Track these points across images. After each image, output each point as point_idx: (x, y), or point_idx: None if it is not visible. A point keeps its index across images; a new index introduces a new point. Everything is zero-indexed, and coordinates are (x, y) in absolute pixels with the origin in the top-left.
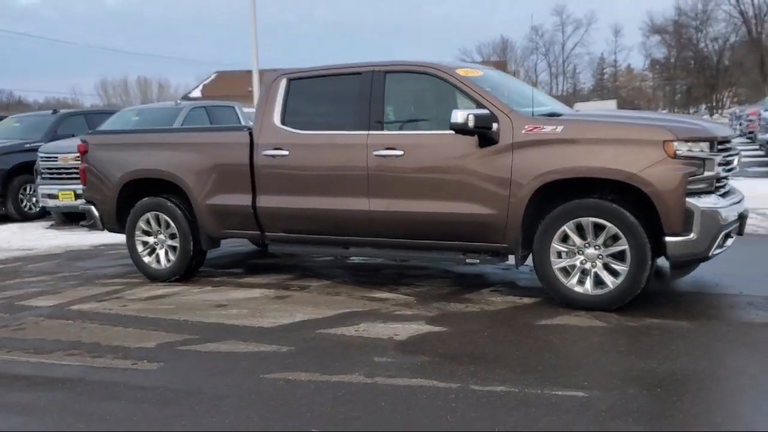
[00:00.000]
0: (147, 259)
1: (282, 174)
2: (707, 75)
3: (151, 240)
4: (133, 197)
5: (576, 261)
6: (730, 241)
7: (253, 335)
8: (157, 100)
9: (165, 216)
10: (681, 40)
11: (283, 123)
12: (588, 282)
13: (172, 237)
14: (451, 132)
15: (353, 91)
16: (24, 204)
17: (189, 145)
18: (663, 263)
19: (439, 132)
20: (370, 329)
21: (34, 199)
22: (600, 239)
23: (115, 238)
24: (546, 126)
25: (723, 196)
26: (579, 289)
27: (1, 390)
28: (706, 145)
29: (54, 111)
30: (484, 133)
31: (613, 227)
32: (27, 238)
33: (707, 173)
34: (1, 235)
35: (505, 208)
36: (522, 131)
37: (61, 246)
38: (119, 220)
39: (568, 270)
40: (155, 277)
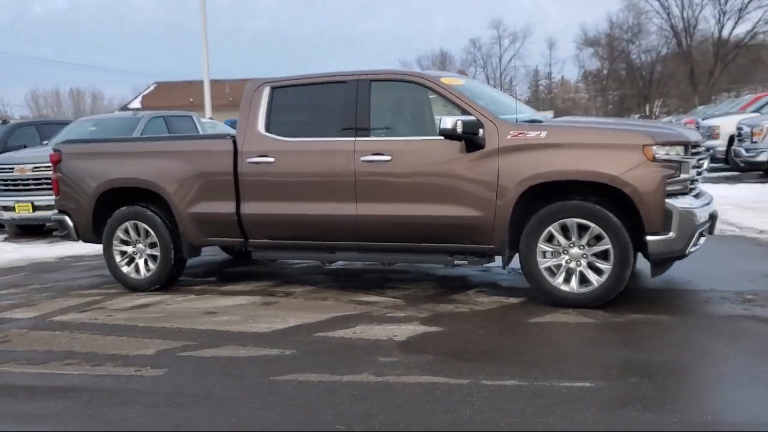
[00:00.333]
0: (125, 269)
1: (267, 181)
2: (640, 86)
3: (130, 249)
4: (109, 207)
5: (561, 260)
6: (702, 240)
7: (252, 340)
8: (91, 111)
9: (144, 225)
10: (613, 52)
11: (268, 130)
12: (573, 281)
13: (151, 246)
14: (439, 138)
15: (338, 99)
16: None
17: (170, 154)
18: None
19: (427, 138)
20: (367, 331)
21: None
22: (584, 239)
23: (80, 249)
24: (530, 132)
25: (695, 197)
26: (565, 288)
27: (6, 400)
28: (681, 149)
29: (3, 121)
30: (471, 139)
31: (597, 227)
32: None
33: (683, 175)
34: None
35: (492, 210)
36: (507, 137)
37: (24, 259)
38: (95, 230)
39: (553, 269)
40: (134, 287)
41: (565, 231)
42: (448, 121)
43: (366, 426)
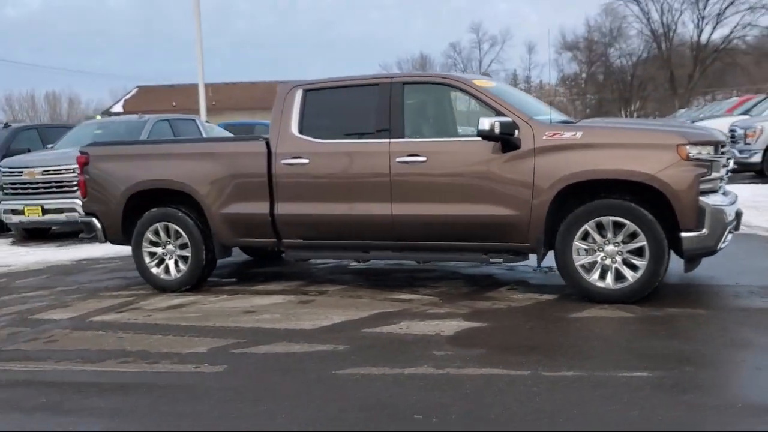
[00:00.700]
0: (155, 270)
1: (302, 182)
2: (621, 89)
3: (159, 251)
4: (137, 209)
5: (597, 257)
6: (730, 237)
7: (301, 337)
8: (68, 116)
9: (175, 226)
10: (591, 56)
11: (301, 132)
12: (609, 277)
13: (182, 247)
14: (474, 139)
15: (372, 102)
16: None
17: (203, 155)
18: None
19: (462, 139)
20: (413, 327)
21: None
22: (619, 237)
23: (93, 252)
24: (566, 132)
25: (724, 195)
26: (601, 284)
27: (76, 397)
28: (712, 149)
29: (5, 125)
30: (507, 139)
31: (632, 225)
32: None
33: (714, 174)
34: None
35: (528, 209)
36: (543, 137)
37: (39, 262)
38: (124, 231)
39: (588, 266)
40: (164, 288)
41: (601, 229)
42: (485, 122)
43: (442, 416)
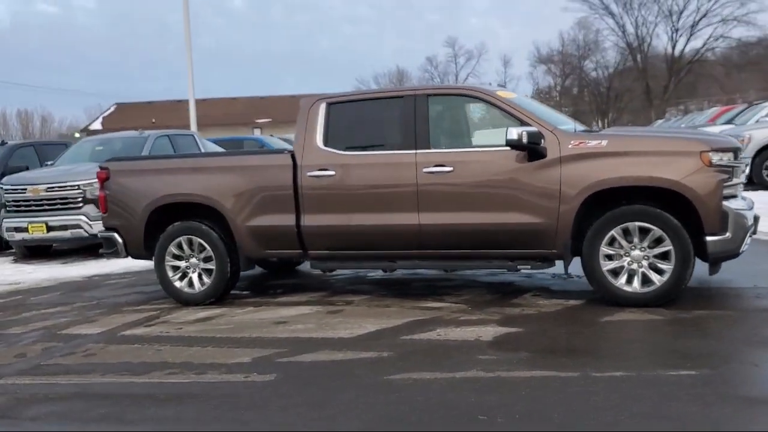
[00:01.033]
0: (178, 284)
1: (328, 193)
2: (598, 101)
3: (183, 264)
4: (158, 223)
5: (623, 262)
6: (749, 240)
7: (341, 345)
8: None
9: (199, 239)
10: (565, 69)
11: (326, 145)
12: (635, 281)
13: (206, 260)
14: (499, 148)
15: (396, 114)
16: None
17: (228, 169)
18: None
19: (487, 149)
20: (449, 333)
21: None
22: (645, 242)
23: (103, 269)
24: (591, 141)
25: (742, 200)
26: (628, 288)
27: (134, 408)
28: (731, 155)
29: (2, 142)
30: (534, 148)
31: (658, 230)
32: (2, 273)
33: (735, 180)
34: None
35: (555, 216)
36: (569, 146)
37: (49, 279)
38: (146, 246)
39: (616, 271)
40: (188, 301)
41: (627, 234)
42: (514, 132)
43: (506, 416)
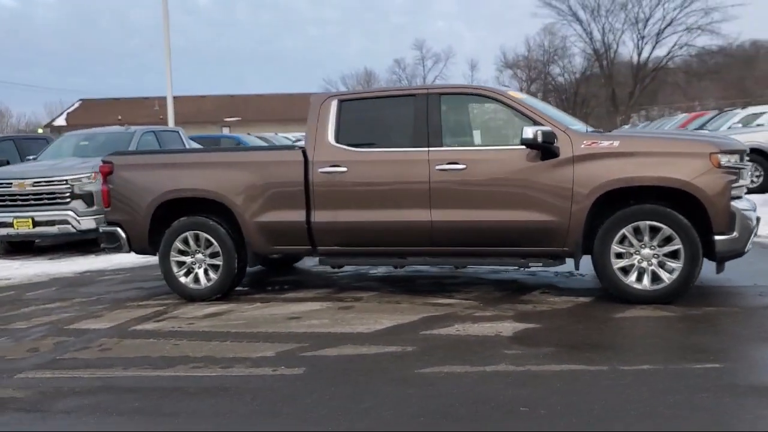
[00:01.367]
0: (183, 280)
1: (340, 190)
2: (564, 106)
3: (188, 260)
4: (162, 218)
5: (633, 261)
6: (753, 240)
7: (363, 340)
8: None
9: (206, 235)
10: (531, 74)
11: (338, 141)
12: (645, 279)
13: (212, 256)
14: (512, 147)
15: (408, 112)
16: None
17: (238, 164)
18: None
19: (500, 147)
20: (468, 329)
21: None
22: (655, 240)
23: (94, 265)
24: (603, 141)
25: (747, 201)
26: (638, 286)
27: (168, 401)
28: (738, 157)
29: None
30: (548, 148)
31: (668, 229)
32: None
33: (741, 181)
34: None
35: (568, 215)
36: (581, 146)
37: (40, 275)
38: (151, 241)
39: (626, 269)
40: (193, 297)
41: (637, 233)
42: (529, 131)
43: (548, 408)
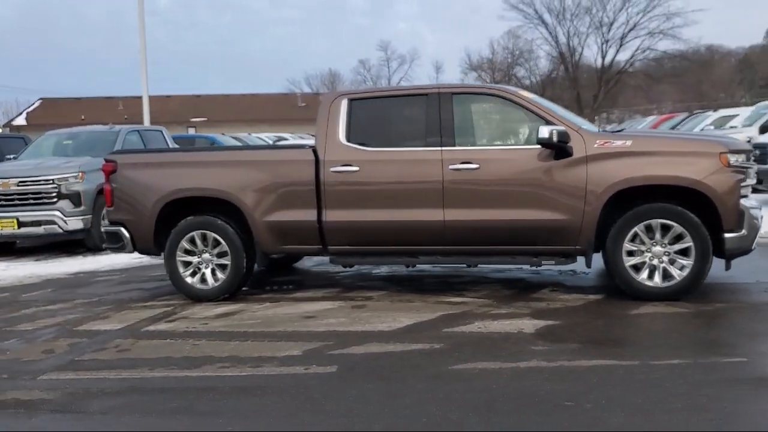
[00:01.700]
0: (190, 280)
1: (352, 189)
2: None
3: (195, 260)
4: (167, 218)
5: (645, 258)
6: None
7: (386, 338)
8: None
9: (214, 234)
10: (495, 76)
11: (349, 140)
12: (657, 276)
13: (220, 255)
14: (526, 147)
15: (420, 111)
16: None
17: (247, 163)
18: None
19: (513, 147)
20: (489, 326)
21: None
22: (666, 238)
23: (84, 266)
24: (616, 141)
25: (753, 200)
26: (649, 283)
27: (203, 401)
28: (745, 156)
29: None
30: (563, 147)
31: (679, 227)
32: None
33: (748, 181)
34: None
35: (581, 213)
36: (594, 145)
37: (31, 276)
38: (155, 240)
39: (637, 267)
40: (200, 297)
41: (648, 231)
42: (545, 131)
43: (592, 402)
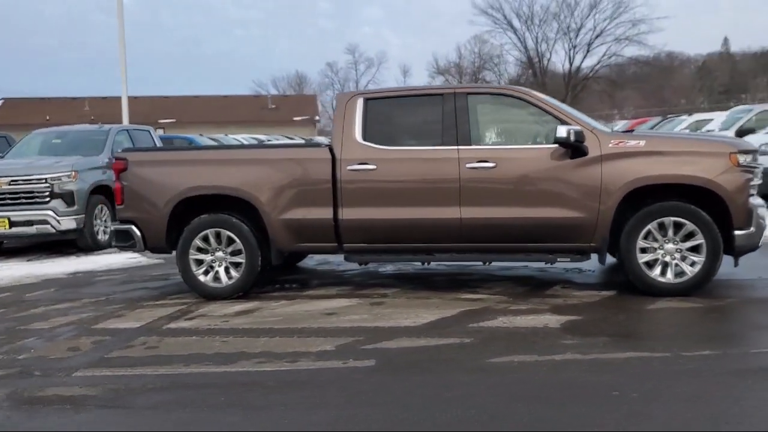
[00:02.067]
0: (203, 278)
1: (369, 187)
2: None
3: (208, 258)
4: (179, 216)
5: (658, 255)
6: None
7: (415, 333)
8: None
9: (228, 232)
10: (462, 80)
11: (365, 139)
12: (669, 272)
13: (234, 253)
14: (541, 146)
15: (436, 110)
16: None
17: (262, 162)
18: None
19: (529, 146)
20: (514, 321)
21: None
22: (678, 235)
23: (81, 265)
24: (630, 141)
25: (760, 199)
26: (662, 279)
27: (253, 395)
28: (752, 156)
29: None
30: (579, 147)
31: (691, 225)
32: None
33: (756, 180)
34: None
35: (596, 211)
36: (609, 145)
37: (28, 276)
38: (168, 239)
39: (650, 263)
40: (213, 296)
41: (661, 228)
42: (563, 130)
43: (639, 391)
